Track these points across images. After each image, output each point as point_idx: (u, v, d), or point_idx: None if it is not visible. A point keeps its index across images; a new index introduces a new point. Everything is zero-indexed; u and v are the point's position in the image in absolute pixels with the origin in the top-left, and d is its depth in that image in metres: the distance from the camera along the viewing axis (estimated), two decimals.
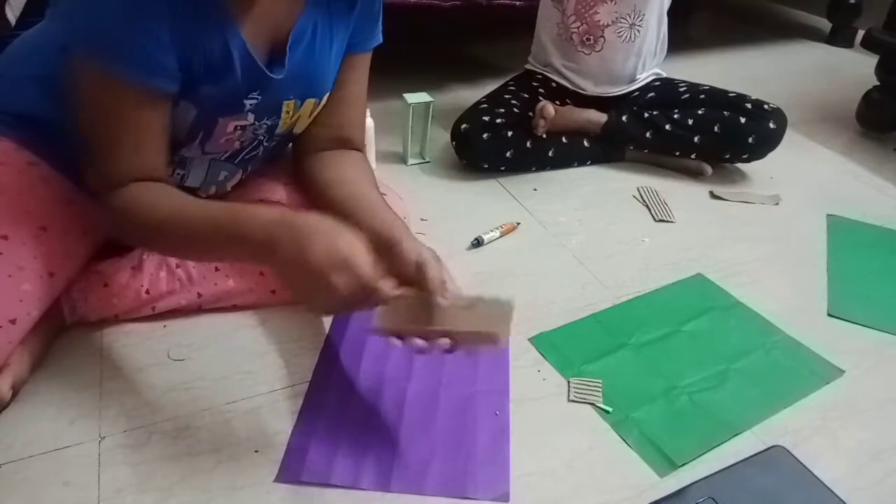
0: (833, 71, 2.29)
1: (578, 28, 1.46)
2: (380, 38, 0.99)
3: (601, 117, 1.50)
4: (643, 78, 1.54)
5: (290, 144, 1.04)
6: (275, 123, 0.92)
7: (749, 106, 1.43)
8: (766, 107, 1.44)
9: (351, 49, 0.95)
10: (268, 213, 0.74)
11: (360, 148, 1.03)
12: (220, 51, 0.79)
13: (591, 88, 1.53)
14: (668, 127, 1.46)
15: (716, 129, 1.44)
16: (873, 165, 1.63)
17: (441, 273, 0.78)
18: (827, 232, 1.34)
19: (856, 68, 2.24)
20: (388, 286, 0.72)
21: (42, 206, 0.86)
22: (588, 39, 1.47)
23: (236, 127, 0.88)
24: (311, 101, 0.93)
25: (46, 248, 0.84)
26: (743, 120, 1.42)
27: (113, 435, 0.82)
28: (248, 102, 0.86)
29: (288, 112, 0.92)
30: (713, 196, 1.45)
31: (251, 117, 0.88)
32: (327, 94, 0.95)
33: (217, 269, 1.00)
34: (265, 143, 0.96)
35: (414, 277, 0.78)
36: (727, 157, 1.50)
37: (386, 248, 0.84)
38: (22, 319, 0.82)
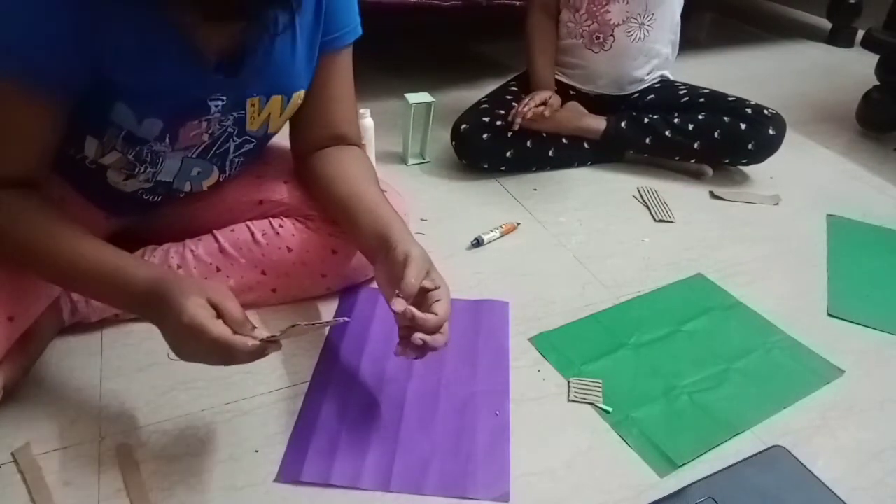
0: (833, 71, 2.29)
1: (589, 27, 1.46)
2: (358, 33, 0.96)
3: (600, 125, 1.49)
4: (650, 80, 1.54)
5: (290, 146, 1.04)
6: (241, 116, 0.90)
7: (749, 111, 1.43)
8: (765, 112, 1.44)
9: (328, 46, 0.93)
10: (147, 271, 0.75)
11: (357, 143, 1.03)
12: (166, 60, 0.77)
13: (595, 89, 1.53)
14: (667, 133, 1.46)
15: (716, 135, 1.43)
16: (873, 165, 1.63)
17: (419, 278, 0.78)
18: (827, 232, 1.34)
19: (856, 68, 2.24)
20: (245, 342, 0.70)
21: None
22: (598, 38, 1.47)
23: (201, 120, 0.86)
24: (277, 98, 0.91)
25: None
26: (743, 126, 1.42)
27: (113, 435, 0.82)
28: (213, 104, 0.85)
29: (253, 106, 0.90)
30: (713, 196, 1.45)
31: (218, 116, 0.87)
32: (301, 92, 0.93)
33: (218, 270, 1.00)
34: (236, 138, 0.93)
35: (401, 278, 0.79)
36: (726, 161, 1.51)
37: (383, 249, 0.85)
38: (20, 317, 0.82)
